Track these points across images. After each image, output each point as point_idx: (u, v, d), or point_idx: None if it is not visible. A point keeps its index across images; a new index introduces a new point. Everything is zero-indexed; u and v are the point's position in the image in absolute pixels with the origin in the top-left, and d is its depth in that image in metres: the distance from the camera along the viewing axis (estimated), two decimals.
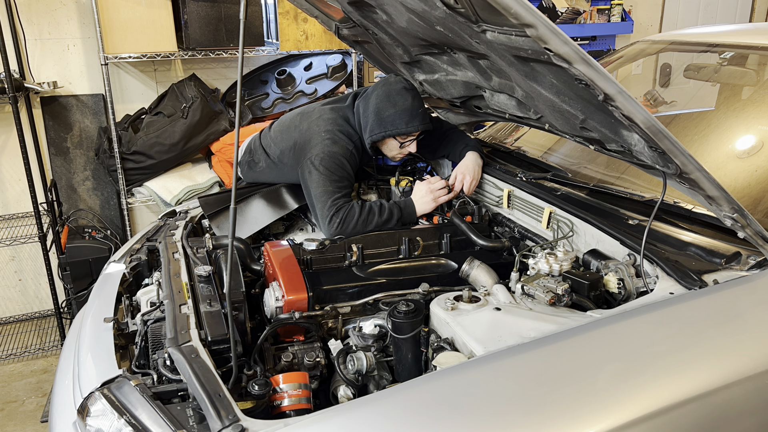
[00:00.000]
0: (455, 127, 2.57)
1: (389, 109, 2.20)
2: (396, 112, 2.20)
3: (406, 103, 2.20)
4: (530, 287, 1.57)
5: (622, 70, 2.67)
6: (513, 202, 2.15)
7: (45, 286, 3.65)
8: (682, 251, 1.56)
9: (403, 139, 2.27)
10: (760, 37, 2.32)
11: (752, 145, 2.00)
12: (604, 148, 1.68)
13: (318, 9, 2.38)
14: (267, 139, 2.45)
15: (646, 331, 1.33)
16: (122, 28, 3.22)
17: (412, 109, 2.21)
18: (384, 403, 1.19)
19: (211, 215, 2.29)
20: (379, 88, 2.26)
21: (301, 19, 3.47)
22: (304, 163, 2.21)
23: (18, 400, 3.10)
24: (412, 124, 2.21)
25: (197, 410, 1.24)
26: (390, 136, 2.23)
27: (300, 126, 2.31)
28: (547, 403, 1.15)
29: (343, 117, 2.29)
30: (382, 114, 2.20)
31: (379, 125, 2.21)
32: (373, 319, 1.73)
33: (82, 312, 1.98)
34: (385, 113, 2.20)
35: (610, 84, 1.25)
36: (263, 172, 2.44)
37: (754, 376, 1.27)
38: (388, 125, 2.20)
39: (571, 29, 4.52)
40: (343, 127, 2.26)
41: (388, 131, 2.21)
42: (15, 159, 3.48)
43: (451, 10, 1.45)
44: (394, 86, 2.23)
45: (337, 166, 2.18)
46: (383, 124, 2.21)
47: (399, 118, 2.20)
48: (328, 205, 2.11)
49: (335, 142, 2.21)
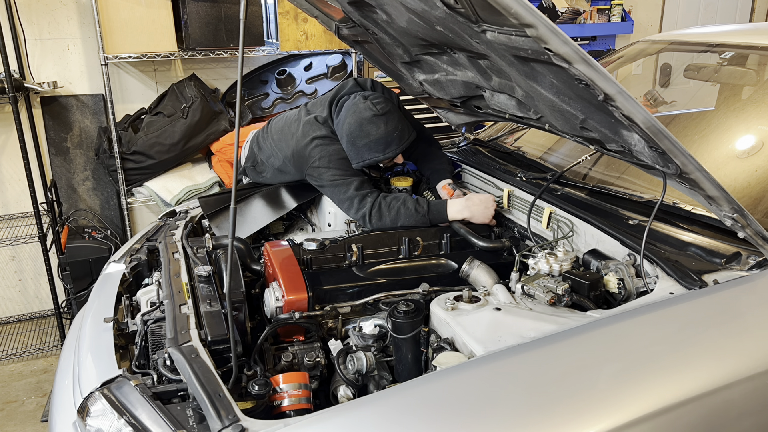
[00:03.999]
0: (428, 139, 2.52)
1: (363, 139, 2.13)
2: (370, 142, 2.13)
3: (378, 131, 2.12)
4: (530, 287, 1.57)
5: (622, 70, 2.67)
6: (513, 202, 2.15)
7: (45, 286, 3.65)
8: (682, 251, 1.56)
9: (385, 162, 2.26)
10: (760, 37, 2.31)
11: (752, 145, 2.00)
12: (604, 148, 1.68)
13: (318, 9, 2.38)
14: (269, 145, 2.39)
15: (646, 331, 1.33)
16: (122, 28, 3.22)
17: (386, 135, 2.13)
18: (384, 403, 1.19)
19: (210, 215, 2.29)
20: (350, 116, 2.16)
21: (301, 19, 3.47)
22: (308, 172, 2.22)
23: (18, 400, 3.10)
24: (390, 150, 2.15)
25: (197, 410, 1.24)
26: (369, 165, 2.20)
27: (296, 134, 2.28)
28: (547, 403, 1.15)
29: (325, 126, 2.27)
30: (357, 144, 2.14)
31: (356, 155, 2.16)
32: (373, 319, 1.73)
33: (82, 312, 1.98)
34: (359, 143, 2.14)
35: (610, 84, 1.25)
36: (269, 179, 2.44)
37: (754, 376, 1.27)
38: (364, 154, 2.15)
39: (571, 29, 4.52)
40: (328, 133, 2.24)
41: (366, 160, 2.16)
42: (15, 159, 3.48)
43: (451, 10, 1.45)
44: (364, 114, 2.13)
45: (340, 160, 2.18)
46: (360, 153, 2.15)
47: (375, 146, 2.13)
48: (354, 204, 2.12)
49: (327, 144, 2.20)
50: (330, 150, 2.19)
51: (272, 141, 2.38)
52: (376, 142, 2.13)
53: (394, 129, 2.15)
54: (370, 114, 2.13)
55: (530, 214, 1.99)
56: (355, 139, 2.14)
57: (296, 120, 2.33)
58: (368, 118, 2.12)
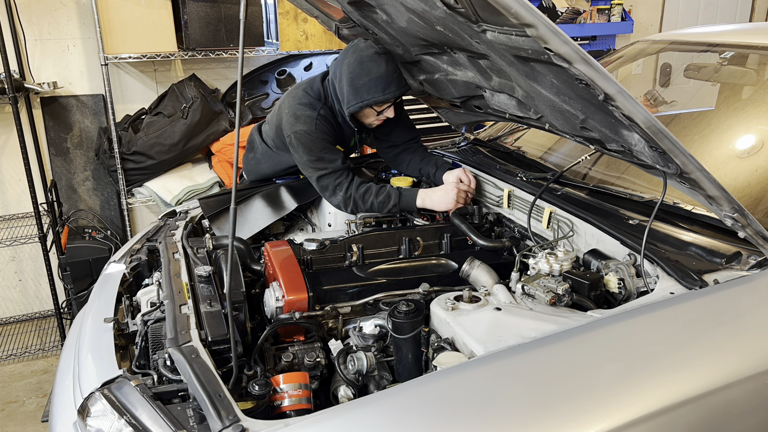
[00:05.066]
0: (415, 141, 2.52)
1: (363, 78, 2.08)
2: (370, 80, 2.08)
3: (380, 69, 2.08)
4: (530, 287, 1.57)
5: (622, 70, 2.67)
6: (513, 202, 2.15)
7: (45, 286, 3.65)
8: (683, 251, 1.56)
9: (380, 108, 2.19)
10: (760, 37, 2.31)
11: (752, 144, 2.00)
12: (605, 148, 1.68)
13: (318, 9, 2.38)
14: (265, 126, 2.50)
15: (647, 331, 1.33)
16: (122, 28, 3.22)
17: (387, 74, 2.09)
18: (384, 403, 1.19)
19: (211, 216, 2.29)
20: (350, 55, 2.13)
21: (301, 19, 3.47)
22: (287, 143, 2.25)
23: (18, 400, 3.10)
24: (389, 90, 2.10)
25: (197, 410, 1.24)
26: (367, 105, 2.13)
27: (279, 109, 2.33)
28: (547, 403, 1.15)
29: (306, 88, 2.24)
30: (356, 83, 2.09)
31: (354, 95, 2.11)
32: (374, 319, 1.73)
33: (83, 312, 1.98)
34: (359, 82, 2.09)
35: (611, 84, 1.25)
36: (260, 161, 2.48)
37: (754, 376, 1.27)
38: (363, 94, 2.09)
39: (571, 29, 4.52)
40: (304, 99, 2.21)
41: (365, 101, 2.10)
42: (15, 159, 3.48)
43: (451, 10, 1.45)
44: (365, 52, 2.10)
45: (309, 140, 2.17)
46: (359, 93, 2.10)
47: (375, 85, 2.08)
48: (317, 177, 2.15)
49: (297, 118, 2.18)
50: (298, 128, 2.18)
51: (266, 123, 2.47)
52: (377, 80, 2.09)
53: (395, 69, 2.13)
54: (372, 51, 2.11)
55: (530, 214, 1.99)
56: (354, 77, 2.10)
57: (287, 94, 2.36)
58: (370, 56, 2.10)
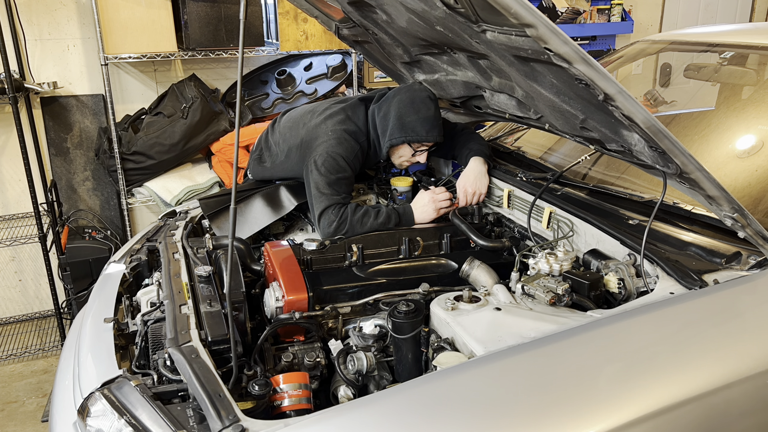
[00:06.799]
0: (464, 128, 2.54)
1: (411, 116, 2.21)
2: (418, 119, 2.21)
3: (429, 111, 2.22)
4: (530, 287, 1.57)
5: (622, 70, 2.67)
6: (513, 202, 2.16)
7: (45, 286, 3.65)
8: (683, 251, 1.56)
9: (417, 147, 2.28)
10: (760, 37, 2.31)
11: (752, 144, 2.00)
12: (604, 147, 1.68)
13: (318, 9, 2.38)
14: (276, 134, 2.46)
15: (647, 331, 1.33)
16: (122, 28, 3.22)
17: (434, 118, 2.23)
18: (384, 403, 1.19)
19: (211, 216, 2.29)
20: (402, 93, 2.26)
21: (301, 19, 3.47)
22: (308, 161, 2.22)
23: (18, 400, 3.10)
24: (432, 133, 2.22)
25: (197, 410, 1.24)
26: (409, 141, 2.24)
27: (308, 124, 2.32)
28: (547, 403, 1.15)
29: (352, 117, 2.29)
30: (404, 119, 2.21)
31: (399, 130, 2.22)
32: (374, 319, 1.73)
33: (83, 312, 1.98)
34: (407, 119, 2.21)
35: (610, 84, 1.25)
36: (270, 168, 2.46)
37: (754, 376, 1.27)
38: (408, 131, 2.21)
39: (571, 29, 4.52)
40: (350, 127, 2.26)
41: (409, 137, 2.22)
42: (15, 159, 3.48)
43: (451, 10, 1.45)
44: (419, 94, 2.25)
45: (339, 167, 2.17)
46: (404, 129, 2.22)
47: (420, 125, 2.21)
48: (324, 207, 2.11)
49: (340, 142, 2.21)
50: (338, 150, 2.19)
51: (280, 133, 2.44)
52: (424, 121, 2.21)
53: (440, 116, 2.28)
54: (425, 95, 2.26)
55: (530, 214, 1.99)
56: (404, 114, 2.22)
57: (310, 111, 2.38)
58: (422, 98, 2.24)
